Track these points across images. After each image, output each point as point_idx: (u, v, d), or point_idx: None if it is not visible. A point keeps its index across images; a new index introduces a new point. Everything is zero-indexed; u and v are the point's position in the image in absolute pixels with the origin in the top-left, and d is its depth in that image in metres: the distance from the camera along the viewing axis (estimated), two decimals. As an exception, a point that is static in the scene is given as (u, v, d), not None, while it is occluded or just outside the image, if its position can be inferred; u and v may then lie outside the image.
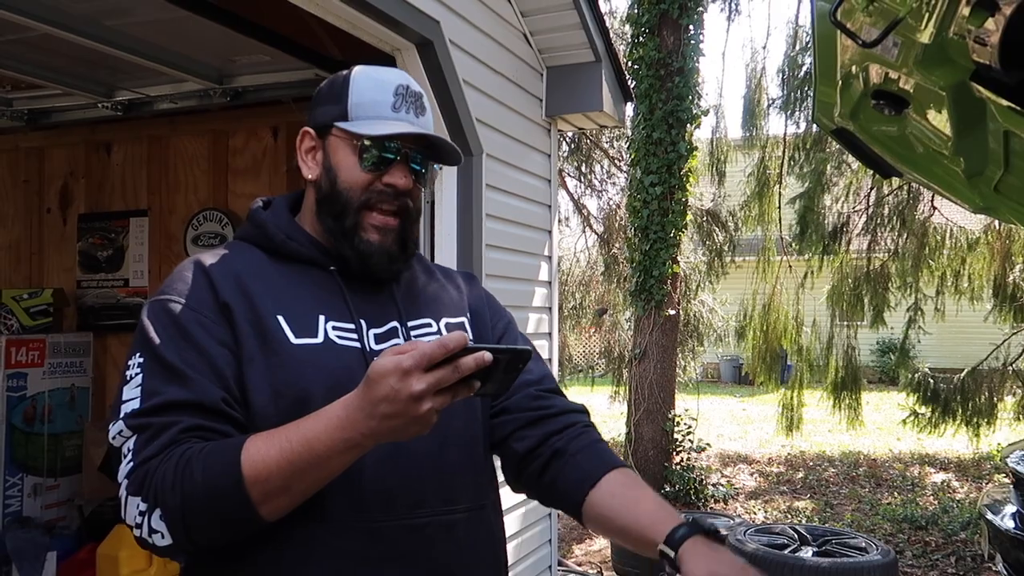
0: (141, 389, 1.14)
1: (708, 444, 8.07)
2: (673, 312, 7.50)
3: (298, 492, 1.09)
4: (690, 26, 7.28)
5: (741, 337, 9.54)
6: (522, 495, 1.44)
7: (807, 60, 8.49)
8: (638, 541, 1.24)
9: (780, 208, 9.20)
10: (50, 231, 4.42)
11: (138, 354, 1.18)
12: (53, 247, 4.41)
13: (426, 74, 2.87)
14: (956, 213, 8.72)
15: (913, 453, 9.94)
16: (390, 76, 1.32)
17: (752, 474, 8.98)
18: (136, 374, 1.16)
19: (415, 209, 1.34)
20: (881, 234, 8.80)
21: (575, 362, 12.85)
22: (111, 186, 4.31)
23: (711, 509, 7.09)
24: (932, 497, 7.74)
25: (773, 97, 9.37)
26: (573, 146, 10.08)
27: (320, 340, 1.23)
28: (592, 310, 11.08)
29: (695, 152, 7.45)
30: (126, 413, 1.14)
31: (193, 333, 1.18)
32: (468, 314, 1.44)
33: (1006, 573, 3.99)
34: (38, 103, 3.90)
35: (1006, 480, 4.51)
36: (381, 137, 1.27)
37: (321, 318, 1.25)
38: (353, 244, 1.28)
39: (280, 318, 1.22)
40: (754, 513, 7.24)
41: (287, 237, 1.31)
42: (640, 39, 7.35)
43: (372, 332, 1.29)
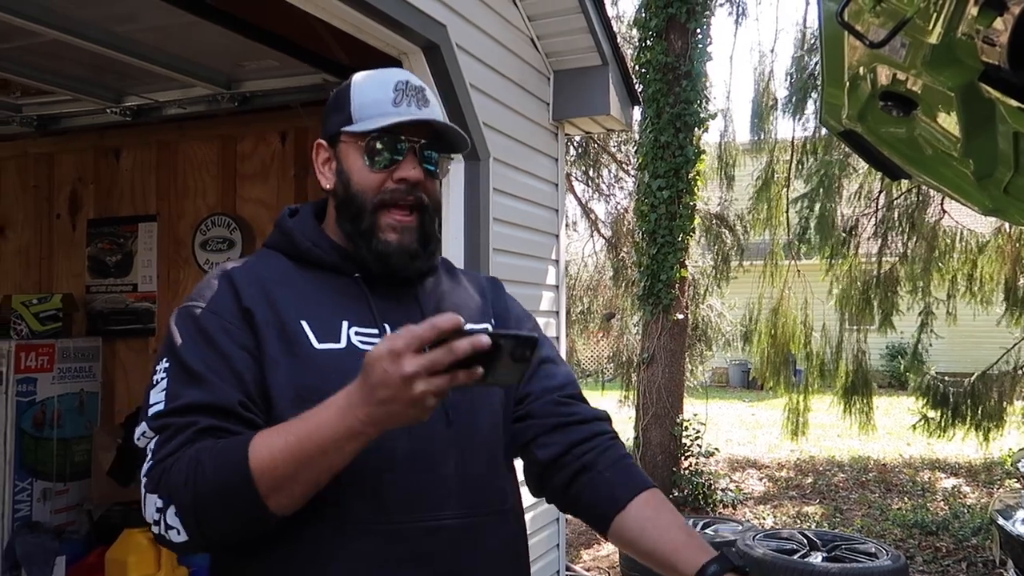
0: (165, 393, 1.18)
1: (717, 449, 8.04)
2: (681, 316, 7.48)
3: (304, 484, 1.09)
4: (697, 30, 7.27)
5: (748, 341, 9.51)
6: (531, 499, 1.44)
7: (814, 62, 8.46)
8: (666, 568, 1.26)
9: (788, 212, 9.17)
10: (59, 236, 4.44)
11: (164, 359, 1.21)
12: (62, 252, 4.43)
13: (433, 78, 2.87)
14: (966, 216, 8.68)
15: (923, 458, 9.88)
16: (389, 74, 1.33)
17: (761, 479, 8.94)
18: (162, 378, 1.20)
19: (432, 203, 1.33)
20: (891, 237, 8.76)
21: (583, 367, 12.85)
22: (120, 191, 4.33)
23: (720, 514, 7.05)
24: (943, 502, 7.69)
25: (781, 100, 9.34)
26: (580, 150, 10.08)
27: (343, 345, 1.25)
28: (600, 314, 11.07)
29: (703, 156, 7.43)
30: (149, 415, 1.17)
31: (216, 338, 1.21)
32: (492, 320, 1.44)
33: (1018, 578, 3.96)
34: (47, 109, 3.92)
35: (1017, 485, 4.48)
36: (381, 129, 1.27)
37: (344, 324, 1.26)
38: (371, 246, 1.28)
39: (304, 323, 1.24)
40: (763, 518, 7.20)
41: (312, 244, 1.33)
42: (647, 43, 7.34)
43: None
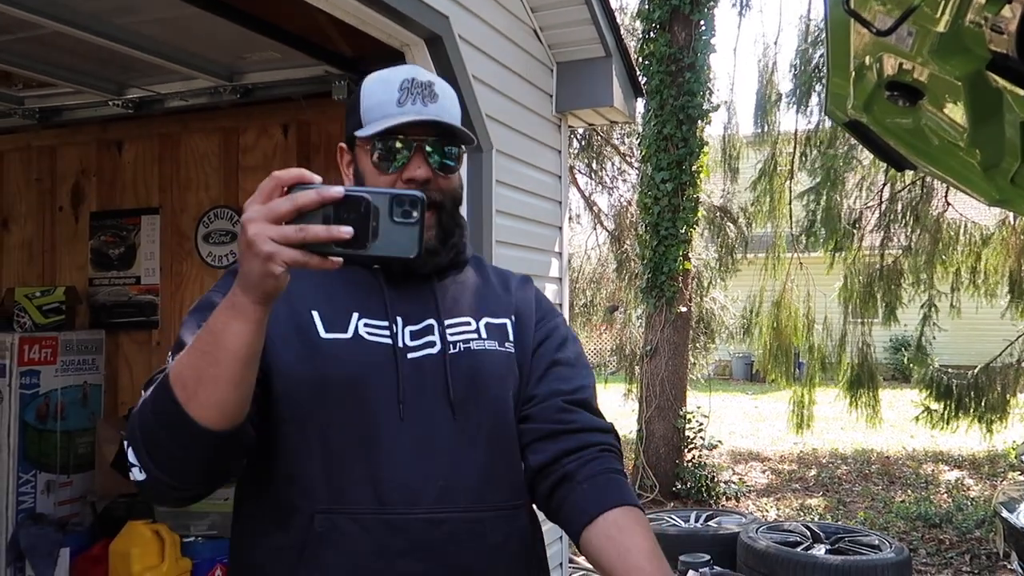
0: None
1: (720, 441, 8.04)
2: (684, 309, 7.47)
3: (211, 383, 1.04)
4: (701, 21, 7.25)
5: (749, 334, 9.50)
6: None
7: (819, 54, 8.44)
8: None
9: (791, 204, 9.16)
10: (62, 229, 4.43)
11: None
12: (65, 245, 4.42)
13: (435, 70, 2.86)
14: (970, 209, 8.66)
15: (926, 451, 9.88)
16: (396, 73, 1.32)
17: (764, 471, 8.95)
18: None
19: (448, 198, 1.32)
20: (894, 230, 8.74)
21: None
22: (122, 184, 4.32)
23: (723, 506, 7.06)
24: (946, 495, 7.69)
25: (785, 92, 9.31)
26: (584, 143, 10.06)
27: (349, 335, 1.25)
28: (603, 307, 11.07)
29: (706, 148, 7.42)
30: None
31: (215, 304, 1.20)
32: (513, 316, 1.41)
33: (1022, 571, 3.96)
34: (49, 101, 3.91)
35: (1021, 477, 4.48)
36: (380, 134, 1.27)
37: (354, 315, 1.27)
38: None
39: (314, 313, 1.26)
40: (766, 511, 7.21)
41: None
42: (651, 35, 7.32)
43: (408, 329, 1.29)
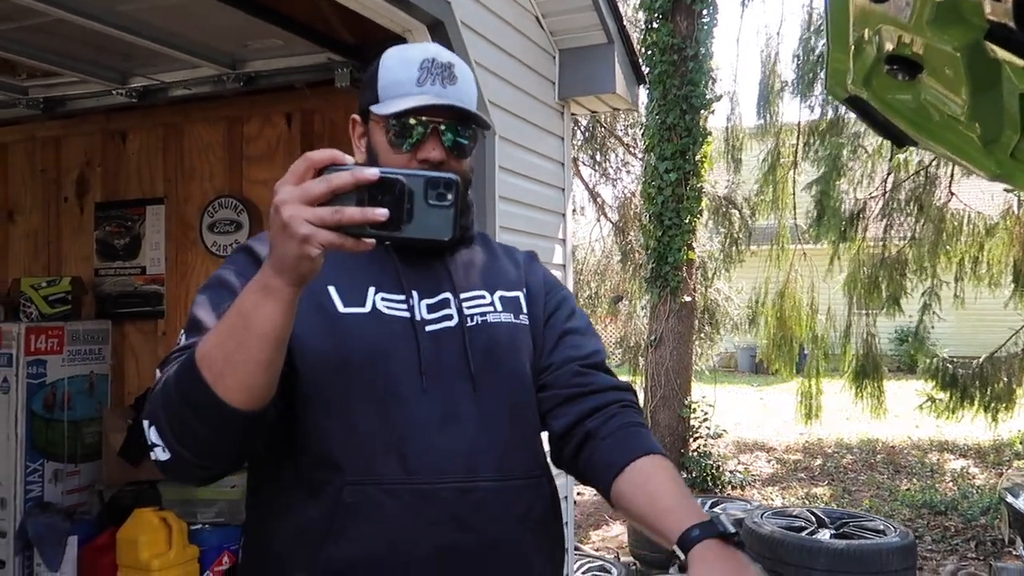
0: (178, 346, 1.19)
1: (725, 431, 8.05)
2: (689, 299, 7.48)
3: (242, 364, 1.03)
4: (704, 11, 7.24)
5: (754, 324, 9.50)
6: None
7: (822, 44, 8.41)
8: (655, 532, 1.23)
9: (795, 195, 9.14)
10: (67, 220, 4.45)
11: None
12: (71, 236, 4.44)
13: (438, 55, 2.87)
14: (974, 199, 8.64)
15: (931, 440, 9.87)
16: (416, 51, 1.33)
17: (769, 461, 8.95)
18: (180, 339, 1.22)
19: (462, 181, 1.35)
20: (898, 220, 8.72)
21: (591, 351, 12.79)
22: (127, 174, 4.33)
23: (728, 495, 7.07)
24: (951, 483, 7.69)
25: (789, 81, 9.29)
26: (588, 134, 10.05)
27: (367, 309, 1.26)
28: (607, 299, 11.06)
29: (709, 138, 7.41)
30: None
31: (227, 282, 1.23)
32: (524, 289, 1.44)
33: (1026, 555, 3.96)
34: (53, 91, 3.92)
35: (1026, 463, 4.47)
36: (397, 114, 1.27)
37: (371, 289, 1.28)
38: None
39: (331, 288, 1.26)
40: (771, 499, 7.22)
41: None
42: (653, 25, 7.32)
43: (424, 302, 1.30)
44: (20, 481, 3.72)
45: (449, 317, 1.30)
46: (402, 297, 1.28)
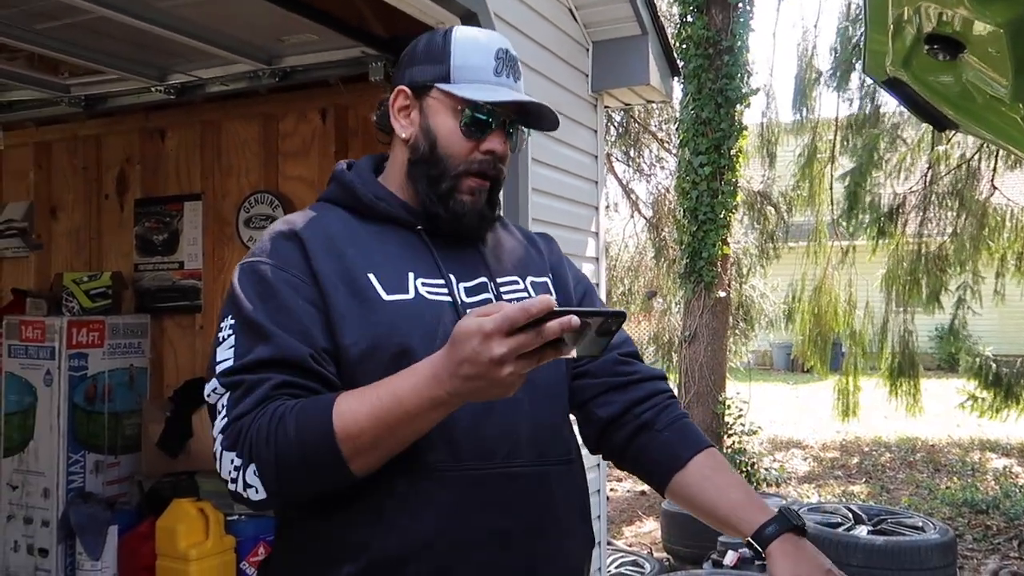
0: (233, 350, 1.18)
1: (760, 427, 7.97)
2: (723, 294, 7.41)
3: (387, 448, 1.11)
4: (739, 4, 7.17)
5: (791, 320, 9.39)
6: None
7: (860, 32, 8.29)
8: (725, 526, 1.29)
9: (832, 189, 9.02)
10: (108, 216, 4.53)
11: (229, 316, 1.21)
12: (111, 232, 4.51)
13: (471, 48, 2.87)
14: (1018, 193, 8.47)
15: (973, 439, 9.70)
16: (491, 40, 1.33)
17: (805, 459, 8.85)
18: (228, 335, 1.20)
19: (504, 173, 1.36)
20: (939, 215, 8.57)
21: (624, 348, 12.74)
22: (165, 171, 4.40)
23: (763, 492, 7.00)
24: (993, 482, 7.55)
25: (825, 72, 9.15)
26: (621, 130, 10.02)
27: (411, 296, 1.25)
28: (641, 295, 11.01)
29: (745, 132, 7.35)
30: (219, 372, 1.17)
31: (281, 291, 1.20)
32: (550, 274, 1.45)
33: (1071, 554, 3.88)
34: (94, 88, 3.99)
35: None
36: (489, 103, 1.28)
37: (411, 275, 1.27)
38: (448, 206, 1.30)
39: (371, 276, 1.24)
40: (808, 496, 7.14)
41: (375, 197, 1.33)
42: (688, 18, 7.27)
43: (462, 286, 1.30)
44: (63, 472, 3.79)
45: (488, 301, 1.30)
46: (441, 281, 1.28)
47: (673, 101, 7.14)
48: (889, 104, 8.44)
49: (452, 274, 1.30)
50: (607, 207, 9.17)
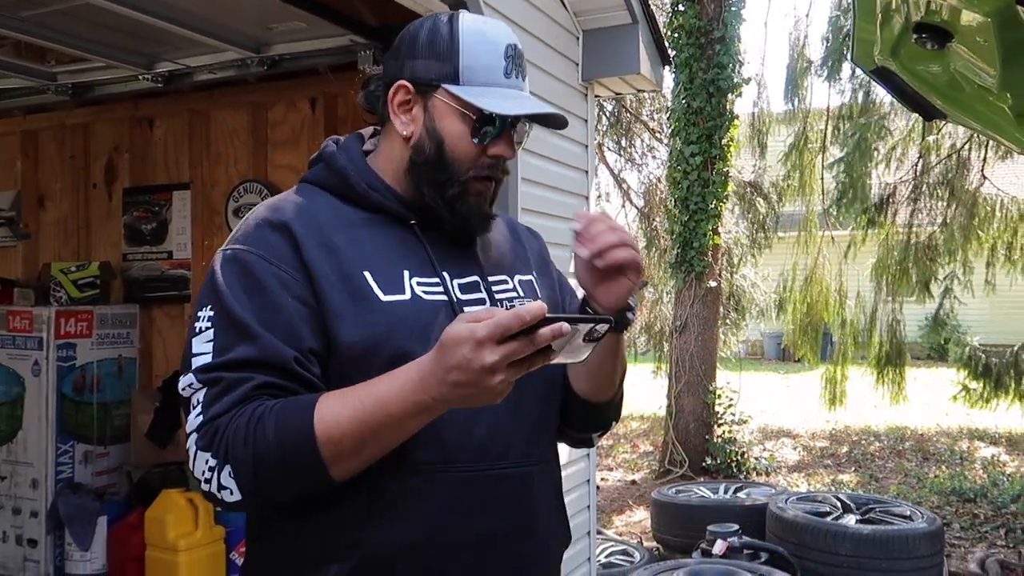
0: (212, 344, 1.13)
1: (750, 416, 8.00)
2: (714, 284, 7.43)
3: (369, 454, 1.09)
4: (730, -7, 7.17)
5: (782, 310, 9.42)
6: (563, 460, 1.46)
7: (851, 23, 8.28)
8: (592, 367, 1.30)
9: (823, 180, 9.04)
10: (96, 206, 4.50)
11: (208, 307, 1.16)
12: (99, 221, 4.48)
13: (461, 36, 2.85)
14: (1008, 183, 8.49)
15: (961, 428, 9.75)
16: (499, 34, 1.27)
17: (795, 448, 8.90)
18: (206, 327, 1.14)
19: (508, 171, 1.34)
20: (929, 205, 8.59)
21: (616, 338, 12.75)
22: (154, 160, 4.37)
23: (753, 481, 7.04)
24: (981, 471, 7.60)
25: (816, 62, 9.15)
26: (613, 119, 10.00)
27: (408, 296, 1.21)
28: (632, 285, 11.00)
29: (736, 121, 7.35)
30: (197, 367, 1.13)
31: (268, 287, 1.15)
32: (534, 272, 1.44)
33: (1057, 542, 3.91)
34: (81, 76, 3.95)
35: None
36: (506, 116, 1.24)
37: (406, 273, 1.23)
38: (455, 210, 1.26)
39: (367, 274, 1.20)
40: (797, 485, 7.18)
41: (369, 187, 1.28)
42: (680, 7, 7.26)
43: (456, 282, 1.27)
44: (51, 462, 3.78)
45: (482, 301, 1.29)
46: (436, 280, 1.25)
47: (664, 90, 7.14)
48: (880, 94, 8.45)
49: (446, 272, 1.27)
50: (598, 197, 9.16)
